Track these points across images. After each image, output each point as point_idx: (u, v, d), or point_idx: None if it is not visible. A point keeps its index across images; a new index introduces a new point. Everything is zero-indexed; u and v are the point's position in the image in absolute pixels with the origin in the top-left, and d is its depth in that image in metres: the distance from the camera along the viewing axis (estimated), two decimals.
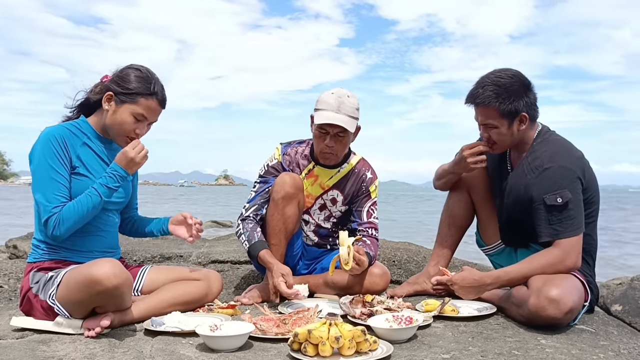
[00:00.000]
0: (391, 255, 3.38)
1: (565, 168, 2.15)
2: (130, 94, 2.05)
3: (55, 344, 1.82)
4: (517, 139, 2.30)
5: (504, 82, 2.21)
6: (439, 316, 2.15)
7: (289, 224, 2.52)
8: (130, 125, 2.07)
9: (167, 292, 2.19)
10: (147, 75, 2.10)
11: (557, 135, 2.33)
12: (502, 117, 2.22)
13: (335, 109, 2.44)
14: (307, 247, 2.77)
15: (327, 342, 1.61)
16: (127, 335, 1.94)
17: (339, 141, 2.50)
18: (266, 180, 2.62)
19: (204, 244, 4.02)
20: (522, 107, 2.22)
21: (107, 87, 2.09)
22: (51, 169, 1.97)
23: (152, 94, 2.08)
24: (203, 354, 1.73)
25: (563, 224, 2.12)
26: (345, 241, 2.27)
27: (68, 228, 1.96)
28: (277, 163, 2.65)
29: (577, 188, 2.15)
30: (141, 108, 2.07)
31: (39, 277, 2.02)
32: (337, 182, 2.66)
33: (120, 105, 2.06)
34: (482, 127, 2.31)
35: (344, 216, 2.72)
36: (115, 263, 1.87)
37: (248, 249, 2.49)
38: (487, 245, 2.59)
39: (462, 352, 1.75)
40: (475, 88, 2.27)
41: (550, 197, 2.13)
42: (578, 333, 2.01)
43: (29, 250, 3.64)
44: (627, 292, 2.52)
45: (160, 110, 2.14)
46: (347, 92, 2.49)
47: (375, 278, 2.53)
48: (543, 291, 1.97)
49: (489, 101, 2.21)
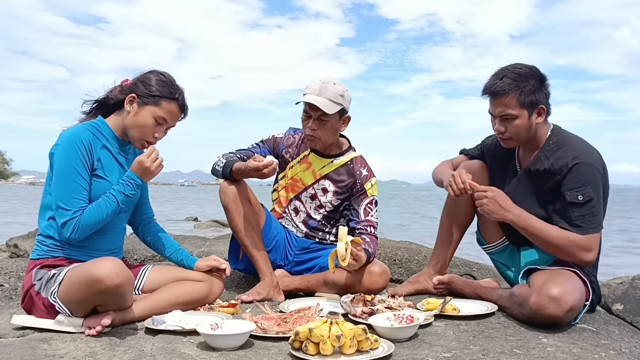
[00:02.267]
0: (392, 254, 3.38)
1: (590, 165, 2.15)
2: (153, 96, 2.09)
3: (56, 343, 1.82)
4: (532, 134, 2.26)
5: (523, 72, 2.19)
6: (440, 315, 2.15)
7: (250, 220, 2.57)
8: (151, 128, 2.10)
9: (168, 291, 2.19)
10: (170, 80, 2.15)
11: (571, 133, 2.31)
12: (522, 107, 2.18)
13: (316, 92, 2.53)
14: (297, 239, 2.78)
15: (328, 340, 1.61)
16: (128, 333, 1.93)
17: (322, 125, 2.57)
18: (260, 146, 2.75)
19: (205, 243, 4.02)
20: (542, 98, 2.20)
21: (130, 88, 2.12)
22: (76, 172, 1.99)
23: (175, 98, 2.13)
24: (204, 352, 1.73)
25: (586, 220, 2.12)
26: (343, 237, 2.26)
27: (85, 232, 2.01)
28: (279, 137, 2.77)
29: (600, 185, 2.16)
30: (163, 111, 2.11)
31: (41, 274, 2.02)
32: (330, 173, 2.71)
33: (142, 107, 2.09)
34: (499, 119, 2.24)
35: (335, 210, 2.74)
36: (117, 262, 1.87)
37: (223, 167, 2.55)
38: (488, 243, 2.59)
39: (463, 351, 1.75)
40: (492, 79, 2.22)
41: (571, 194, 2.13)
42: (579, 332, 2.00)
43: (30, 249, 3.64)
44: (629, 292, 2.51)
45: (180, 116, 2.18)
46: (334, 80, 2.58)
47: (375, 277, 2.53)
48: (544, 290, 1.97)
49: (509, 89, 2.16)
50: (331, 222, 2.77)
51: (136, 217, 2.36)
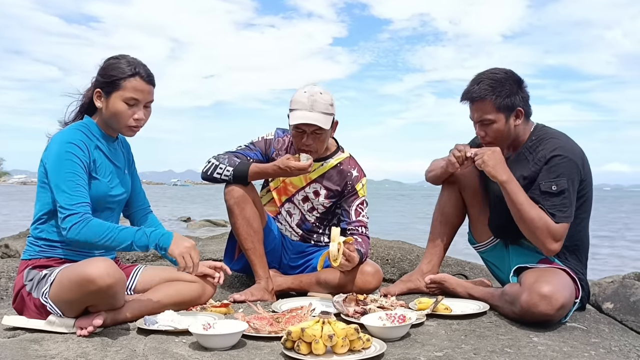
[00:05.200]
0: (385, 254, 3.39)
1: (567, 158, 2.18)
2: (113, 81, 2.03)
3: (47, 343, 1.81)
4: (513, 136, 2.30)
5: (499, 77, 2.24)
6: (432, 314, 2.16)
7: (253, 223, 2.54)
8: (126, 112, 2.04)
9: (161, 292, 2.17)
10: (124, 59, 2.07)
11: (554, 129, 2.35)
12: (499, 111, 2.23)
13: (308, 107, 2.46)
14: (292, 242, 2.78)
15: (321, 340, 1.62)
16: (120, 334, 1.93)
17: (316, 138, 2.53)
18: (252, 150, 2.67)
19: (197, 243, 4.01)
20: (518, 101, 2.24)
21: (94, 85, 2.09)
22: (75, 175, 1.95)
23: (134, 74, 2.04)
24: (196, 352, 1.73)
25: (557, 209, 2.15)
26: (336, 237, 2.27)
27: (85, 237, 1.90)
28: (269, 139, 2.71)
29: (575, 179, 2.18)
30: (128, 91, 2.03)
31: (33, 274, 2.00)
32: (320, 176, 2.68)
33: (109, 98, 2.05)
34: (478, 124, 2.30)
35: (328, 211, 2.74)
36: (109, 262, 1.86)
37: (233, 172, 2.50)
38: (478, 242, 2.61)
39: (455, 350, 1.76)
40: (470, 85, 2.29)
41: (545, 184, 2.17)
42: (570, 330, 2.02)
43: (21, 249, 3.61)
44: (619, 290, 2.54)
45: (149, 89, 2.08)
46: (320, 89, 2.52)
47: (367, 277, 2.53)
48: (535, 288, 1.98)
49: (485, 94, 2.22)
50: (324, 222, 2.77)
51: (132, 209, 2.33)
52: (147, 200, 2.38)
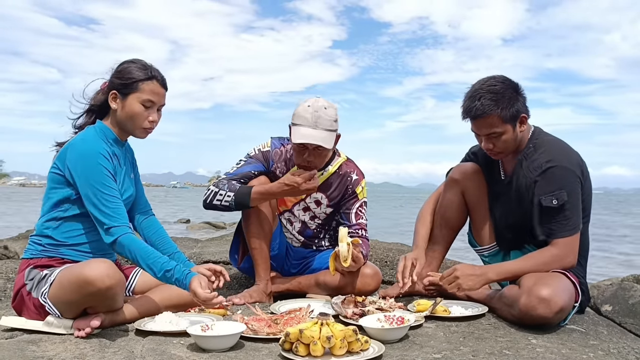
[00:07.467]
0: (383, 256, 3.39)
1: (565, 168, 2.17)
2: (131, 83, 2.07)
3: (45, 344, 1.81)
4: (519, 142, 2.29)
5: (498, 89, 2.20)
6: (430, 316, 2.16)
7: (264, 225, 2.53)
8: (142, 114, 2.08)
9: (159, 293, 2.18)
10: (140, 63, 2.12)
11: (551, 135, 2.34)
12: (506, 123, 2.20)
13: (312, 124, 2.37)
14: (294, 249, 2.77)
15: (319, 342, 1.61)
16: (118, 335, 1.93)
17: (318, 155, 2.46)
18: (251, 163, 2.60)
19: (197, 245, 4.01)
20: (520, 107, 2.23)
21: (109, 87, 2.11)
22: (112, 190, 1.99)
23: (151, 77, 2.10)
24: (194, 354, 1.73)
25: (559, 224, 2.14)
26: (344, 238, 2.26)
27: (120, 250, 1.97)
28: (267, 152, 2.63)
29: (575, 188, 2.17)
30: (146, 94, 2.08)
31: (34, 274, 2.00)
32: (321, 185, 2.61)
33: (125, 99, 2.07)
34: (485, 138, 2.26)
35: (330, 217, 2.72)
36: (108, 264, 1.87)
37: (235, 197, 2.46)
38: (480, 245, 2.58)
39: (454, 352, 1.76)
40: (470, 102, 2.22)
41: (546, 199, 2.15)
42: (568, 333, 2.02)
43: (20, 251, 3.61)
44: (617, 293, 2.54)
45: (164, 92, 2.15)
46: (324, 103, 2.42)
47: (366, 279, 2.53)
48: (534, 291, 1.98)
49: (489, 110, 2.17)
50: (325, 227, 2.75)
51: (134, 212, 2.34)
52: (148, 202, 2.39)
